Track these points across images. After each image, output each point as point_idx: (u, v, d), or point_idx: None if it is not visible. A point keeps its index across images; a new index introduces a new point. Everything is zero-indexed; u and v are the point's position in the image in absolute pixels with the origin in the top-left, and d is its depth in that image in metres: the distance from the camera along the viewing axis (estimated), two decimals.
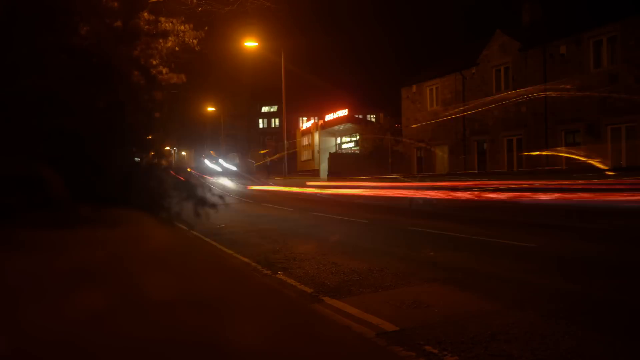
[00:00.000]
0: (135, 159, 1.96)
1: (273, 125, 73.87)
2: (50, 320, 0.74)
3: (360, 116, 44.84)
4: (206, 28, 9.28)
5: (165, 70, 3.57)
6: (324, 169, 39.08)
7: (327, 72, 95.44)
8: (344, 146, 44.41)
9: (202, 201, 1.90)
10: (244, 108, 71.59)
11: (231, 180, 38.20)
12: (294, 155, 47.48)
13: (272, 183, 33.30)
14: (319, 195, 23.27)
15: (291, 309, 1.18)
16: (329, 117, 43.53)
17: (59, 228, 1.28)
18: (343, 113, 41.83)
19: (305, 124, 51.80)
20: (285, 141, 39.69)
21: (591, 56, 19.02)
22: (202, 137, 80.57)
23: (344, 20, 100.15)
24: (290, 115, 48.67)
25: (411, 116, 29.01)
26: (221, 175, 41.46)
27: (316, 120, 46.82)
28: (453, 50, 32.26)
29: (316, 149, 43.23)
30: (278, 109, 65.19)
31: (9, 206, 1.29)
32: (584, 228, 10.78)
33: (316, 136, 43.51)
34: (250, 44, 33.29)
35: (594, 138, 18.76)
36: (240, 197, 23.10)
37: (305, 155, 47.27)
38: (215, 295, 1.03)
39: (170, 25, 7.57)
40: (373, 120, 46.96)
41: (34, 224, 1.27)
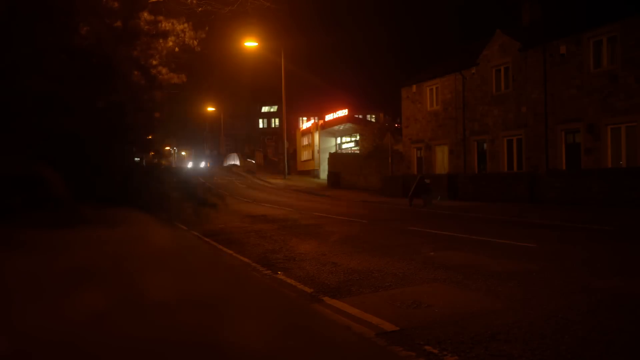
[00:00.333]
0: (135, 159, 1.96)
1: (273, 125, 73.83)
2: (50, 321, 0.74)
3: (360, 116, 44.84)
4: (206, 28, 9.27)
5: (165, 70, 3.57)
6: (324, 169, 39.08)
7: (327, 72, 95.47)
8: (344, 146, 44.39)
9: (202, 201, 1.90)
10: (244, 108, 71.57)
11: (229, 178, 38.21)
12: (294, 155, 47.48)
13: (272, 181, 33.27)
14: None
15: (291, 309, 1.18)
16: (329, 117, 43.51)
17: (59, 228, 1.28)
18: (343, 113, 41.82)
19: (305, 124, 51.76)
20: (285, 141, 39.69)
21: (591, 56, 19.00)
22: (202, 137, 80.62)
23: (344, 20, 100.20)
24: (290, 115, 48.68)
25: (411, 116, 28.99)
26: (220, 175, 41.51)
27: (316, 120, 46.79)
28: (453, 50, 32.24)
29: (316, 149, 43.20)
30: (278, 109, 65.13)
31: (9, 206, 1.29)
32: (586, 228, 10.78)
33: (316, 136, 43.49)
34: (250, 44, 33.32)
35: (594, 138, 18.75)
36: (240, 197, 23.10)
37: (305, 155, 47.23)
38: (215, 295, 1.03)
39: (170, 25, 7.56)
40: (373, 120, 46.96)
41: (34, 224, 1.27)
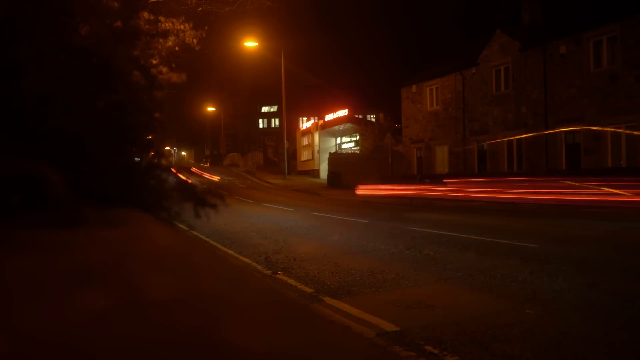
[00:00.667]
0: (135, 159, 1.96)
1: (273, 125, 73.84)
2: (49, 321, 0.73)
3: (360, 116, 44.82)
4: (206, 28, 9.29)
5: (165, 69, 3.56)
6: (324, 169, 39.07)
7: (327, 72, 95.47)
8: (344, 146, 44.40)
9: (202, 201, 1.90)
10: (244, 108, 71.57)
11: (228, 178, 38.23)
12: (294, 155, 47.49)
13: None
14: None
15: (291, 309, 1.18)
16: (329, 117, 43.50)
17: (59, 228, 1.28)
18: (343, 113, 41.81)
19: (305, 124, 51.76)
20: (285, 141, 39.69)
21: (591, 56, 19.00)
22: (203, 137, 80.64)
23: (344, 20, 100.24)
24: (290, 115, 48.68)
25: (411, 116, 29.00)
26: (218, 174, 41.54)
27: (316, 120, 46.78)
28: (453, 50, 32.27)
29: (316, 149, 43.20)
30: (278, 109, 65.14)
31: (9, 206, 1.29)
32: (586, 228, 10.78)
33: (316, 136, 43.48)
34: (250, 44, 33.32)
35: (594, 138, 18.75)
36: (240, 197, 23.10)
37: (305, 155, 47.23)
38: (216, 295, 1.03)
39: (171, 25, 7.57)
40: (373, 120, 46.95)
41: (34, 224, 1.27)
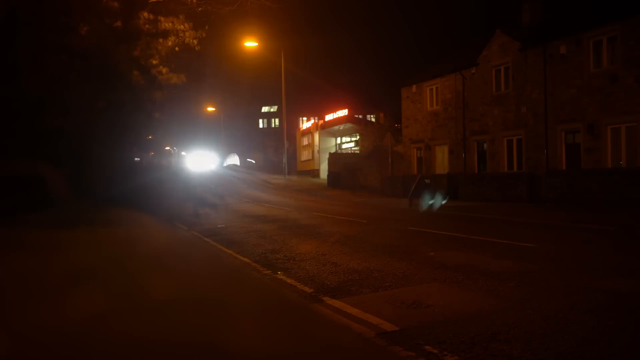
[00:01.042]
0: (135, 159, 1.96)
1: (273, 125, 73.81)
2: (49, 321, 0.73)
3: (360, 116, 44.84)
4: (206, 28, 9.27)
5: (165, 70, 3.57)
6: (324, 169, 39.09)
7: (327, 72, 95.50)
8: (344, 146, 44.42)
9: (202, 201, 1.90)
10: (244, 108, 71.54)
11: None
12: (294, 155, 47.48)
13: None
14: None
15: (291, 309, 1.18)
16: (329, 117, 43.52)
17: (59, 228, 1.28)
18: (343, 113, 41.82)
19: (305, 124, 51.77)
20: (285, 141, 39.69)
21: (591, 56, 18.99)
22: (202, 137, 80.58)
23: (344, 20, 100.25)
24: (290, 115, 48.65)
25: (411, 116, 28.99)
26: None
27: (316, 120, 46.80)
28: (453, 50, 32.26)
29: (316, 149, 43.22)
30: (278, 109, 65.12)
31: (9, 206, 1.29)
32: (586, 228, 10.78)
33: (316, 136, 43.50)
34: (250, 44, 33.29)
35: (594, 138, 18.74)
36: (240, 197, 23.10)
37: (305, 155, 47.24)
38: (215, 295, 1.03)
39: (170, 25, 7.55)
40: (373, 120, 46.96)
41: (34, 224, 1.27)
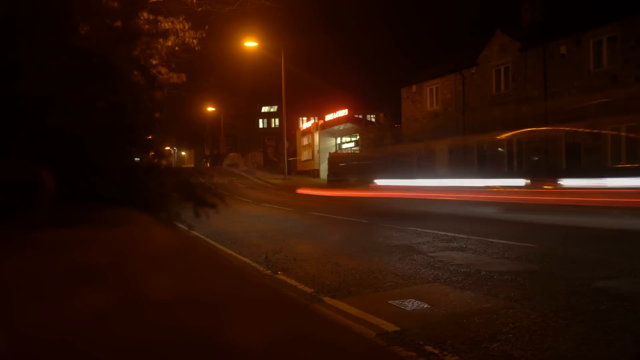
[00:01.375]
0: (135, 159, 1.96)
1: (273, 125, 73.86)
2: (50, 321, 0.73)
3: (360, 116, 44.85)
4: (206, 28, 9.27)
5: (165, 70, 3.57)
6: (323, 169, 39.09)
7: (327, 72, 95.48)
8: (344, 146, 44.41)
9: (202, 201, 1.90)
10: (244, 108, 71.56)
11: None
12: (294, 155, 47.50)
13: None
14: None
15: (291, 309, 1.18)
16: (329, 117, 43.52)
17: (59, 228, 1.28)
18: (343, 113, 41.82)
19: (305, 124, 51.77)
20: (285, 141, 39.70)
21: (591, 56, 19.00)
22: (202, 137, 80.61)
23: (344, 20, 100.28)
24: (290, 115, 48.68)
25: (411, 116, 29.01)
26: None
27: (316, 120, 46.81)
28: (453, 50, 32.30)
29: (316, 149, 43.23)
30: (278, 109, 65.14)
31: (10, 206, 1.29)
32: (586, 228, 10.78)
33: (316, 136, 43.50)
34: (250, 44, 33.30)
35: (594, 138, 18.75)
36: (240, 197, 23.11)
37: (305, 155, 47.25)
38: (216, 295, 1.03)
39: (170, 25, 7.56)
40: (373, 120, 46.97)
41: (34, 223, 1.27)
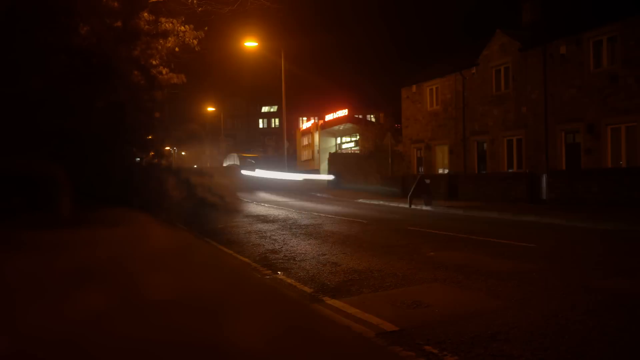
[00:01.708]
0: (136, 159, 1.96)
1: (273, 125, 73.87)
2: (50, 320, 0.74)
3: (360, 116, 44.85)
4: (206, 28, 9.26)
5: (165, 70, 3.57)
6: (324, 169, 39.09)
7: (327, 72, 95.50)
8: (344, 146, 44.42)
9: (202, 201, 1.90)
10: (244, 108, 71.57)
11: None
12: (294, 155, 47.50)
13: None
14: None
15: (291, 309, 1.18)
16: (329, 117, 43.51)
17: (59, 228, 1.28)
18: (343, 113, 41.81)
19: (305, 124, 51.78)
20: (285, 141, 39.69)
21: (591, 56, 18.99)
22: (203, 137, 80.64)
23: (344, 20, 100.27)
24: (290, 115, 48.69)
25: (411, 116, 28.99)
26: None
27: (316, 120, 46.81)
28: (453, 50, 32.29)
29: (316, 149, 43.23)
30: (278, 109, 65.13)
31: (10, 206, 1.29)
32: (586, 228, 10.78)
33: (316, 136, 43.50)
34: (250, 44, 33.27)
35: (594, 138, 18.74)
36: (239, 197, 23.10)
37: (305, 155, 47.24)
38: (215, 295, 1.03)
39: (170, 25, 7.54)
40: (373, 120, 46.97)
41: (35, 223, 1.27)
